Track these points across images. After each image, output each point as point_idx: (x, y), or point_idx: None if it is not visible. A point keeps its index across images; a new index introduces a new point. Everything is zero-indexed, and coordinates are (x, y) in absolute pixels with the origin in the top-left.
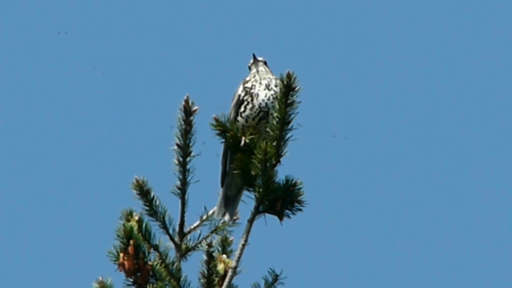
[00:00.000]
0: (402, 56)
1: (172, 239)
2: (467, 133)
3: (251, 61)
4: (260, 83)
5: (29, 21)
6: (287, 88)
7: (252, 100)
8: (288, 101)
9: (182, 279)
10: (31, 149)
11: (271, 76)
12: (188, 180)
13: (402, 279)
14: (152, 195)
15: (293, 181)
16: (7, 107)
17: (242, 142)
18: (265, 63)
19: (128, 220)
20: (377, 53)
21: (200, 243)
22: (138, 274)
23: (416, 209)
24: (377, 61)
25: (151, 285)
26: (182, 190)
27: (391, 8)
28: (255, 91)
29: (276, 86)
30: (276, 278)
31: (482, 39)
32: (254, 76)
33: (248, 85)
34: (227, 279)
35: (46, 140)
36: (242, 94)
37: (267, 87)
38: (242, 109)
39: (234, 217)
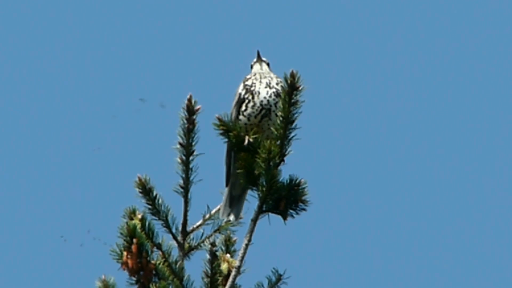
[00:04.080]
0: (403, 55)
1: (175, 238)
2: (467, 133)
3: (255, 59)
4: (261, 82)
5: (29, 21)
6: (291, 87)
7: (253, 98)
8: (292, 101)
9: (185, 278)
10: (36, 147)
11: (272, 75)
12: (191, 179)
13: (403, 279)
14: (154, 193)
15: (297, 181)
16: (10, 107)
17: (246, 141)
18: (268, 64)
19: (131, 219)
20: (379, 52)
21: (203, 242)
22: (141, 272)
23: (419, 209)
24: (379, 61)
25: (154, 284)
26: (185, 189)
27: (392, 8)
28: (255, 89)
29: (277, 84)
30: (279, 277)
31: (482, 39)
32: (254, 75)
33: (249, 83)
34: (230, 279)
35: (50, 138)
36: (243, 93)
37: (268, 85)
38: (243, 107)
39: (239, 217)
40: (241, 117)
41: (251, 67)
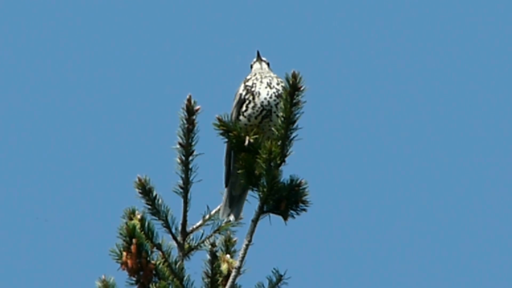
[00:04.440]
0: (404, 55)
1: (174, 238)
2: (467, 133)
3: (255, 59)
4: (261, 82)
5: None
6: (293, 88)
7: (253, 98)
8: (294, 101)
9: (185, 278)
10: (36, 148)
11: (272, 75)
12: (190, 179)
13: (404, 279)
14: (154, 194)
15: (298, 181)
16: (10, 107)
17: (246, 142)
18: (268, 64)
19: (131, 219)
20: (380, 52)
21: (203, 242)
22: (141, 273)
23: (419, 209)
24: (380, 60)
25: (154, 284)
26: (185, 189)
27: (392, 8)
28: (256, 89)
29: (277, 84)
30: (280, 278)
31: (482, 39)
32: (255, 75)
33: (249, 83)
34: (230, 279)
35: (50, 139)
36: (244, 93)
37: (269, 85)
38: (244, 108)
39: (239, 217)
40: (241, 117)
41: (251, 67)
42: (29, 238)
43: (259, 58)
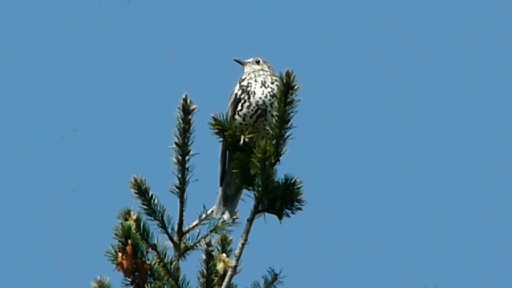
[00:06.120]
0: (401, 54)
1: (170, 238)
2: (467, 133)
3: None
4: (256, 81)
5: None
6: (287, 86)
7: (249, 98)
8: (288, 100)
9: (180, 278)
10: (31, 148)
11: (266, 73)
12: (187, 179)
13: (402, 278)
14: (150, 194)
15: (293, 180)
16: (6, 107)
17: (241, 141)
18: (257, 62)
19: (126, 219)
20: (374, 51)
21: (199, 242)
22: (136, 273)
23: (416, 209)
24: (375, 59)
25: (149, 284)
26: (181, 189)
27: (388, 7)
28: (251, 89)
29: (272, 83)
30: (275, 277)
31: (482, 39)
32: (249, 74)
33: (245, 83)
34: (226, 278)
35: (45, 139)
36: (239, 93)
37: (263, 84)
38: (239, 107)
39: (234, 216)
40: (236, 117)
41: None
42: (26, 239)
43: (243, 65)
